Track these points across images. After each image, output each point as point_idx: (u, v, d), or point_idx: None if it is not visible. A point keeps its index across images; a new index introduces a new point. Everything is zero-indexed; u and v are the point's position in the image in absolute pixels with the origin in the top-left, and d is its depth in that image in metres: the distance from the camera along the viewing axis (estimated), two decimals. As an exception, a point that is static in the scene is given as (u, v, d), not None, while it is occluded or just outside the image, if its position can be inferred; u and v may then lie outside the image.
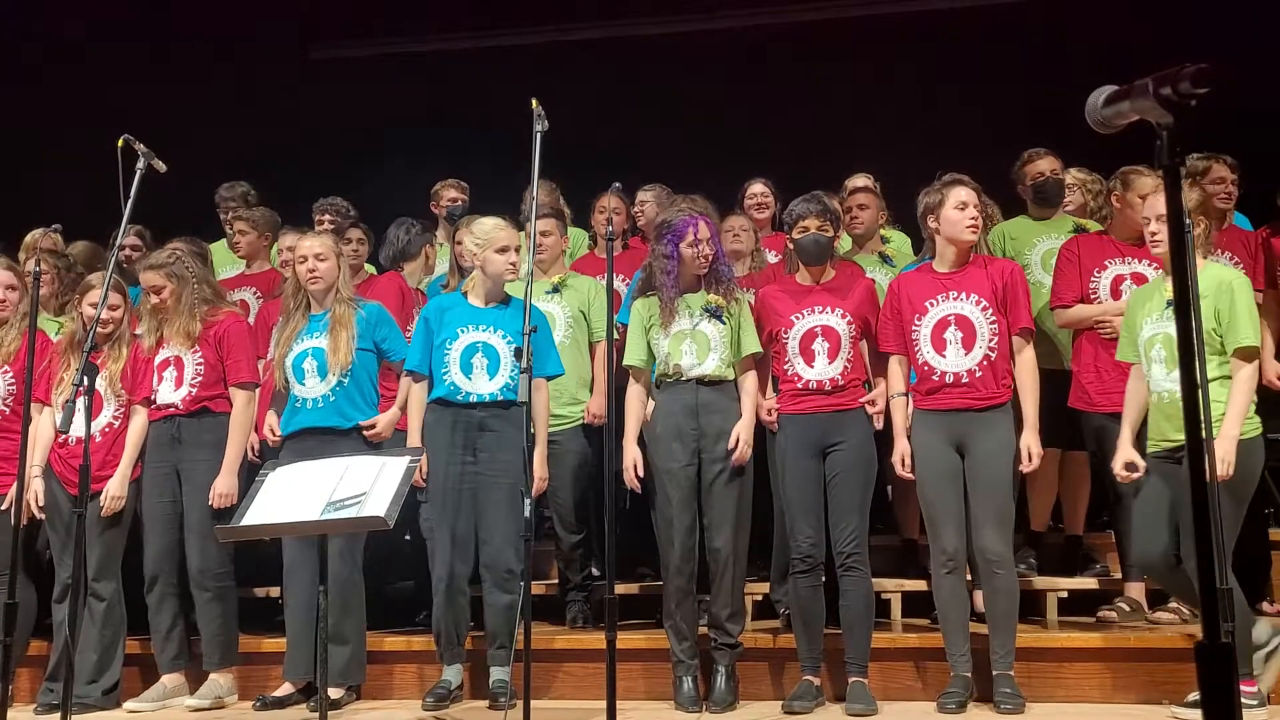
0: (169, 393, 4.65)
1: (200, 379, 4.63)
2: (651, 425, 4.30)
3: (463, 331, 4.40)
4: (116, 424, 4.75)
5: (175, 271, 4.70)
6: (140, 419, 4.73)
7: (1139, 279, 4.53)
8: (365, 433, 4.49)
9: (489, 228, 4.43)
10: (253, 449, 4.82)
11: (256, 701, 4.46)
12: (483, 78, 7.70)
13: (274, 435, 4.65)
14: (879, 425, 4.29)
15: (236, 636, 4.68)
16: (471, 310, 4.46)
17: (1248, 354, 3.83)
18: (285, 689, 4.48)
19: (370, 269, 5.75)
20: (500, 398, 4.33)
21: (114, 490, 4.62)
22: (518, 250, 4.40)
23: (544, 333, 4.35)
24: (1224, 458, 3.71)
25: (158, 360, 4.71)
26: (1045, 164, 5.21)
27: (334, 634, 4.28)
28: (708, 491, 4.23)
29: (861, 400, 4.25)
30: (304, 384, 4.52)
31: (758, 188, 5.80)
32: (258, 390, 4.75)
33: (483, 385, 4.35)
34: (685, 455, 4.22)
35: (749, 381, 4.31)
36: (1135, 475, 3.98)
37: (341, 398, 4.50)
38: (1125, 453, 4.01)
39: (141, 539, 4.73)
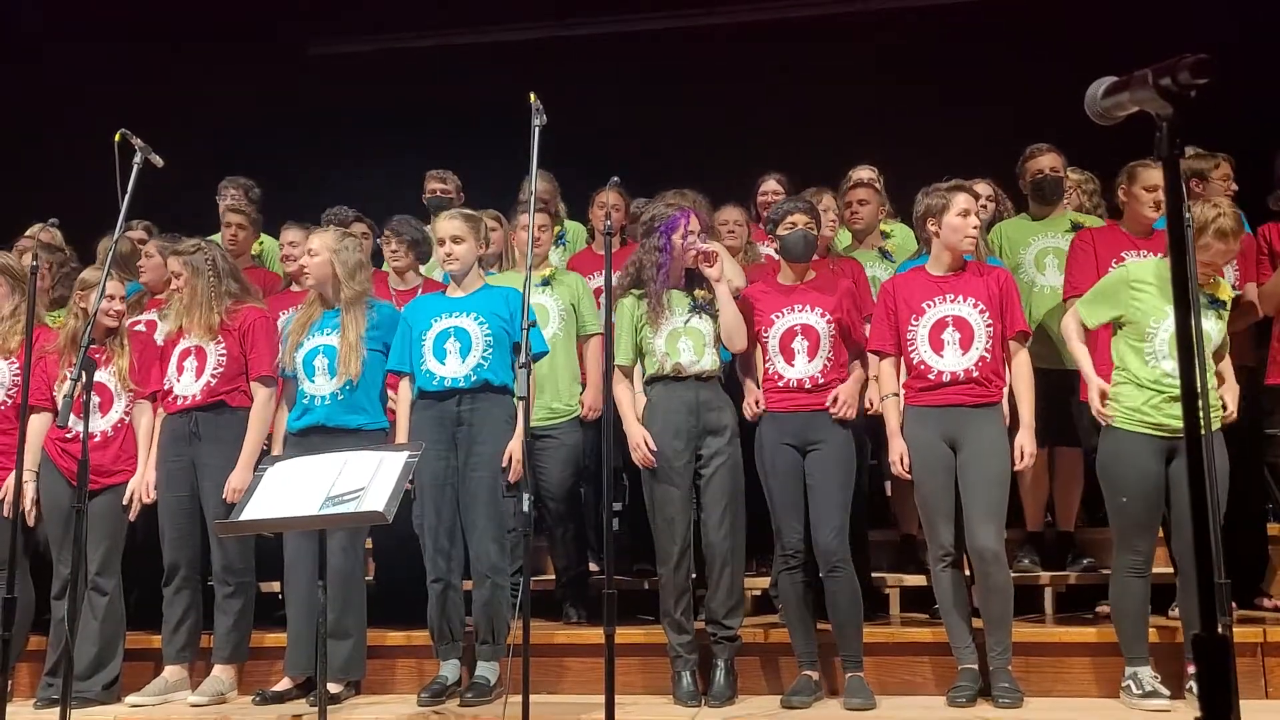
0: (188, 384, 4.65)
1: (221, 371, 4.63)
2: (649, 422, 4.29)
3: (436, 320, 4.43)
4: (128, 419, 4.76)
5: (192, 262, 4.72)
6: (148, 415, 4.74)
7: None
8: None
9: (440, 221, 4.53)
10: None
11: (256, 696, 4.45)
12: (482, 73, 7.69)
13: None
14: (844, 414, 4.23)
15: (249, 633, 4.68)
16: (446, 301, 4.50)
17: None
18: (284, 684, 4.48)
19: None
20: (475, 378, 4.33)
21: (139, 492, 4.65)
22: (454, 240, 4.43)
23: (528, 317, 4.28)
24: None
25: (178, 350, 4.70)
26: (1046, 160, 5.16)
27: (334, 629, 4.28)
28: (705, 486, 4.23)
29: (826, 404, 4.21)
30: (313, 381, 4.50)
31: (772, 184, 5.78)
32: (277, 385, 4.70)
33: (455, 369, 4.35)
34: (685, 452, 4.23)
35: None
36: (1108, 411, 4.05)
37: (349, 397, 4.47)
38: (1100, 383, 4.09)
39: (146, 536, 4.74)
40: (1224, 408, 4.06)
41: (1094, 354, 4.25)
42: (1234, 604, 3.95)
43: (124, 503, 4.65)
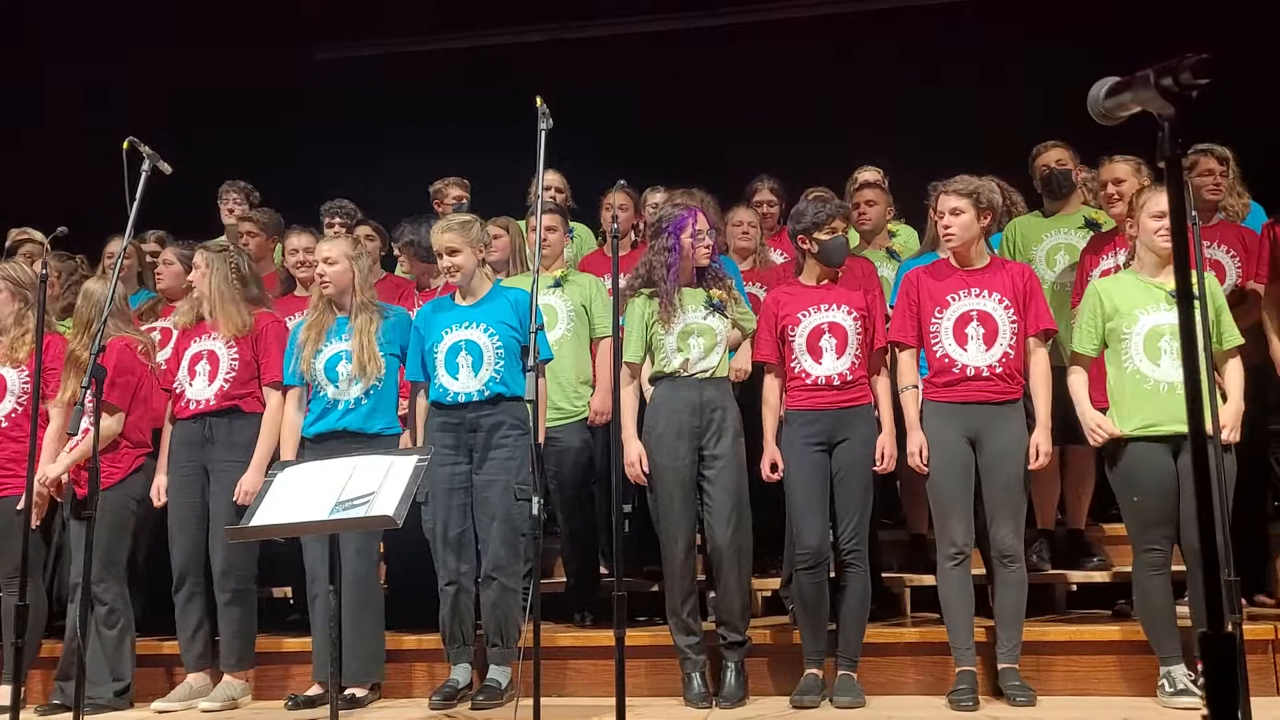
0: (201, 388, 4.65)
1: (234, 375, 4.64)
2: (653, 422, 4.30)
3: (446, 332, 4.43)
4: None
5: (212, 260, 4.74)
6: (57, 420, 4.72)
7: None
8: None
9: (434, 234, 4.53)
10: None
11: (288, 701, 4.46)
12: (486, 76, 7.72)
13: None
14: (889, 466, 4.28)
15: (254, 639, 4.69)
16: (456, 310, 4.50)
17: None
18: (315, 689, 4.48)
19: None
20: (488, 393, 4.34)
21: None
22: (449, 253, 4.43)
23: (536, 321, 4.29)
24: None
25: (189, 353, 4.71)
26: (1053, 155, 5.15)
27: (353, 633, 4.31)
28: (710, 487, 4.23)
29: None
30: (337, 386, 4.50)
31: (765, 186, 5.79)
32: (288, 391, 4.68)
33: (468, 383, 4.36)
34: (689, 452, 4.23)
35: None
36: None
37: (373, 402, 4.49)
38: (1094, 417, 4.09)
39: (160, 541, 4.74)
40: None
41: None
42: (1244, 601, 3.95)
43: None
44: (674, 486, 4.23)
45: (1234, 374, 4.08)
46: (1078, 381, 4.18)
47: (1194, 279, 3.60)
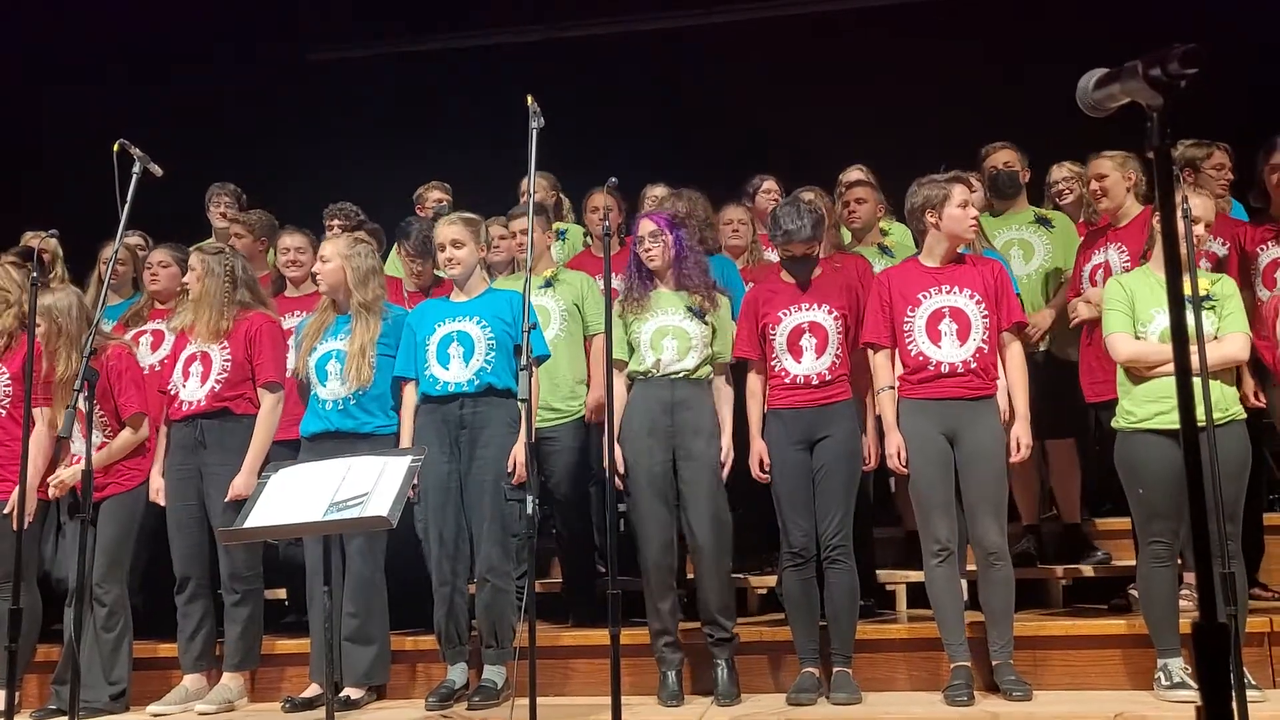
0: (194, 389, 4.64)
1: (226, 376, 4.62)
2: (627, 420, 4.31)
3: (439, 325, 4.45)
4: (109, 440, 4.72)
5: (209, 262, 4.73)
6: (42, 436, 4.67)
7: (1108, 269, 4.56)
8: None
9: (440, 226, 4.58)
10: None
11: (285, 703, 4.44)
12: (480, 76, 7.71)
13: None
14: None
15: (260, 640, 4.68)
16: (450, 305, 4.52)
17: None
18: (313, 690, 4.46)
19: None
20: (478, 383, 4.34)
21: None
22: (454, 245, 4.47)
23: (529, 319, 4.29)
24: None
25: (184, 354, 4.71)
26: (1000, 157, 5.29)
27: (358, 634, 4.32)
28: (685, 487, 4.25)
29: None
30: (325, 385, 4.51)
31: (771, 184, 5.81)
32: (283, 391, 4.68)
33: (459, 373, 4.36)
34: (660, 451, 4.25)
35: (723, 387, 4.39)
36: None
37: (361, 401, 4.49)
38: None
39: (154, 544, 4.73)
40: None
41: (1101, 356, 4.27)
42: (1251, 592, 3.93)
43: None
44: (646, 484, 4.24)
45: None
46: (1124, 338, 4.03)
47: (1189, 273, 3.64)
